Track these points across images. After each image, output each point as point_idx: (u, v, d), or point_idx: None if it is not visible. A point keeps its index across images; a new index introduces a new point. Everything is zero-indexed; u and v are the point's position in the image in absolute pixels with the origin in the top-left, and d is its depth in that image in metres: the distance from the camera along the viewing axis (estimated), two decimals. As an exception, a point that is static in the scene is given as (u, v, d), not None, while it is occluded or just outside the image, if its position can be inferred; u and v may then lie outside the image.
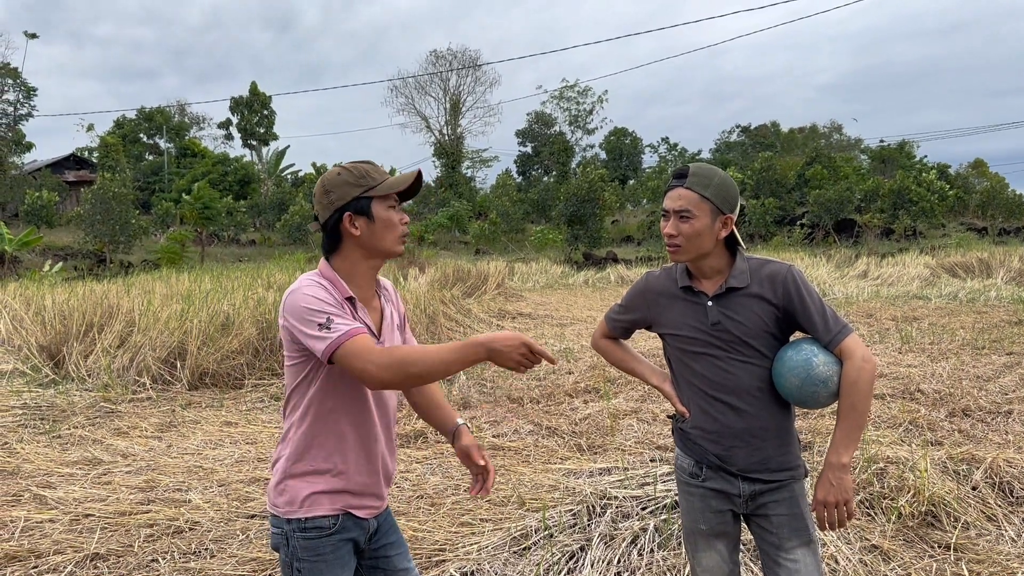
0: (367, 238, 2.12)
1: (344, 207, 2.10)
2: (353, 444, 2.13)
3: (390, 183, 2.13)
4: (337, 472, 2.11)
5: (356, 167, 2.13)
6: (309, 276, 2.10)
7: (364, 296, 2.17)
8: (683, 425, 2.42)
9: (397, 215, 2.15)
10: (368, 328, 2.11)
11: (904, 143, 50.87)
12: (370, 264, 2.18)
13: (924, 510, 4.11)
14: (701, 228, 2.25)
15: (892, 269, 22.08)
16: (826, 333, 2.23)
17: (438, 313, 11.84)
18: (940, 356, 9.10)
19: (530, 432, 6.21)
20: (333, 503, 2.10)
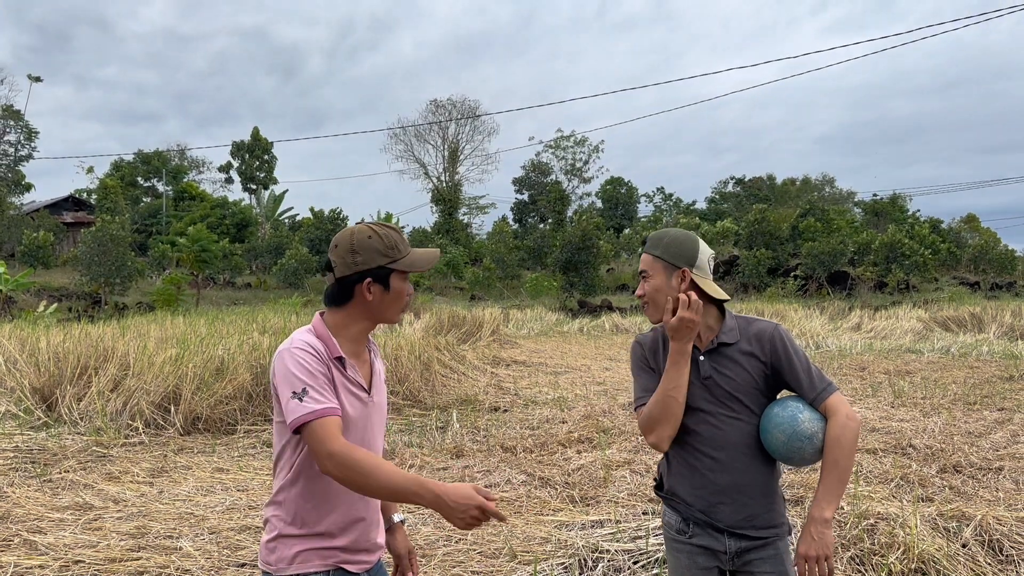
0: (377, 305, 2.16)
1: (367, 272, 2.12)
2: (346, 502, 2.13)
3: (415, 261, 2.18)
4: (330, 533, 2.11)
5: (388, 235, 2.16)
6: (301, 334, 2.12)
7: (355, 351, 2.19)
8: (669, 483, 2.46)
9: (407, 287, 2.20)
10: (360, 385, 2.15)
11: (897, 197, 51.48)
12: (367, 325, 2.21)
13: (914, 567, 4.12)
14: (659, 284, 2.40)
15: (885, 322, 22.20)
16: (811, 390, 2.30)
17: (432, 360, 11.86)
18: (932, 411, 9.14)
19: (523, 482, 6.21)
20: (324, 560, 2.10)
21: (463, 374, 12.56)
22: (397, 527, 2.44)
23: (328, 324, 2.17)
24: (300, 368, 2.02)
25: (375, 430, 2.23)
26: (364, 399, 2.17)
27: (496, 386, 11.78)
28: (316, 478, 2.09)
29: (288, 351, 2.06)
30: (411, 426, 8.64)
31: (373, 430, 2.22)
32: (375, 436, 2.23)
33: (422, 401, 10.09)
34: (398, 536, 2.44)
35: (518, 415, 9.26)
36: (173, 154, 60.76)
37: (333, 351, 2.11)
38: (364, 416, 2.16)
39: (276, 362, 2.08)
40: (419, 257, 2.20)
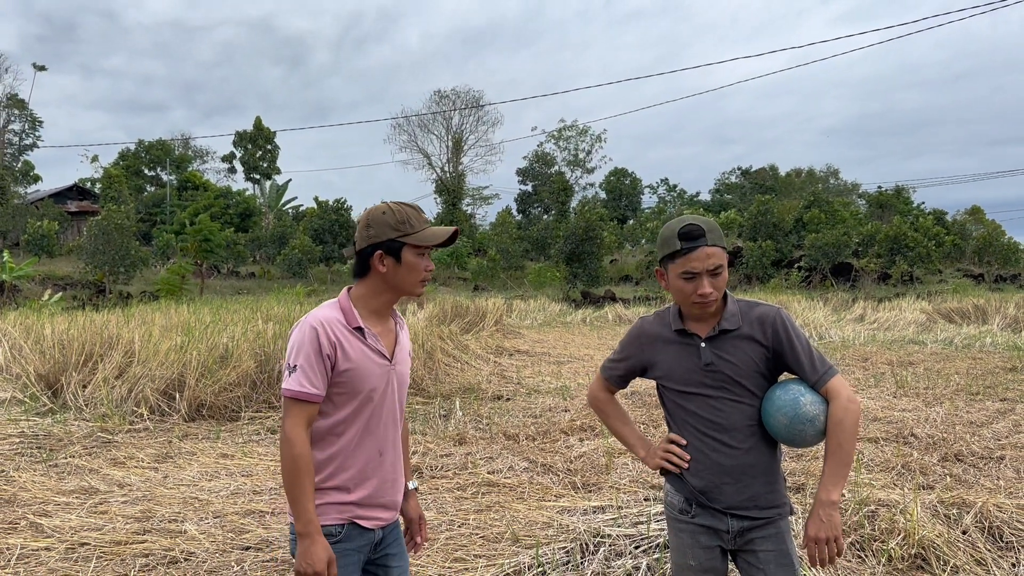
0: (391, 276, 2.32)
1: (378, 244, 2.30)
2: (361, 461, 2.31)
3: (424, 235, 2.31)
4: (345, 488, 2.29)
5: (401, 210, 2.31)
6: (324, 308, 2.31)
7: (379, 322, 2.37)
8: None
9: (424, 262, 2.34)
10: (381, 353, 2.33)
11: (901, 188, 51.35)
12: (389, 297, 2.37)
13: (914, 553, 4.14)
14: (727, 277, 2.37)
15: (889, 314, 22.16)
16: (813, 374, 2.32)
17: (436, 349, 11.89)
18: (934, 401, 9.15)
19: (525, 469, 6.24)
20: (341, 513, 2.28)
21: (466, 363, 12.59)
22: (411, 493, 2.62)
23: (352, 297, 2.35)
24: (302, 345, 2.22)
25: (396, 397, 2.40)
26: (385, 367, 2.34)
27: (499, 375, 11.81)
28: (331, 440, 2.29)
29: (304, 325, 2.26)
30: (414, 414, 8.67)
31: (394, 397, 2.39)
32: (395, 404, 2.41)
33: (425, 389, 10.12)
34: (411, 502, 2.61)
35: (521, 403, 9.29)
36: (177, 143, 60.80)
37: (352, 322, 2.29)
38: (385, 383, 2.34)
39: (295, 329, 2.29)
40: (430, 233, 2.32)
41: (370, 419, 2.32)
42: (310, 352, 2.21)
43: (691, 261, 2.31)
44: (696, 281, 2.31)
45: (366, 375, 2.28)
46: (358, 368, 2.26)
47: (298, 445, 2.18)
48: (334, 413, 2.28)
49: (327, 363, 2.22)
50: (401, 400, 2.44)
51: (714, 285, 2.32)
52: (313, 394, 2.21)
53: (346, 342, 2.25)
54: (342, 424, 2.28)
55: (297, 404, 2.21)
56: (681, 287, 2.35)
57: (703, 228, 2.31)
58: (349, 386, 2.26)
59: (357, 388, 2.27)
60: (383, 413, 2.35)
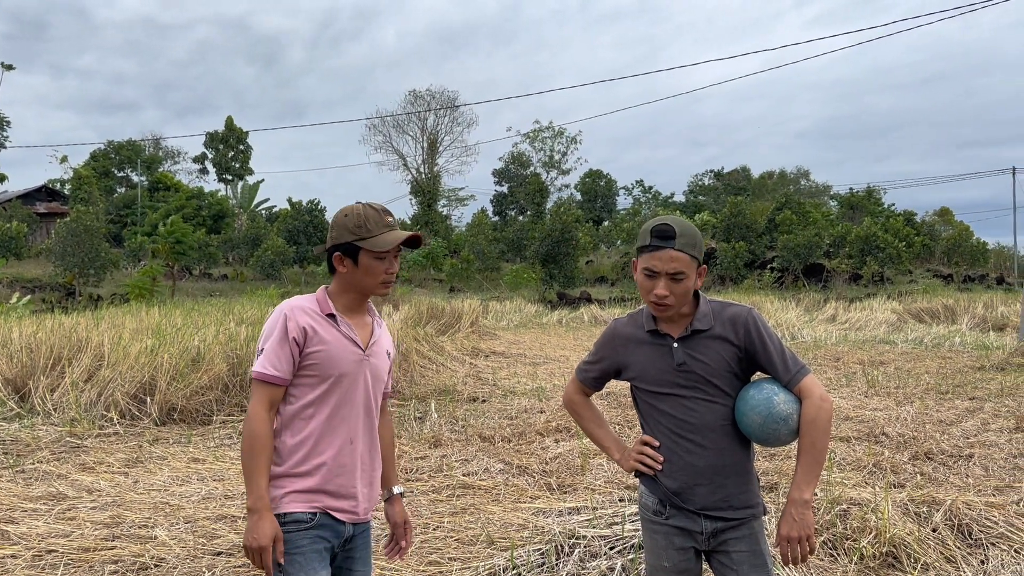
0: (350, 277, 2.40)
1: (337, 246, 2.38)
2: (332, 448, 2.34)
3: (377, 241, 2.35)
4: (315, 474, 2.31)
5: (361, 214, 2.37)
6: (301, 297, 2.42)
7: (353, 315, 2.45)
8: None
9: (384, 264, 2.39)
10: (354, 341, 2.39)
11: (872, 190, 51.99)
12: (356, 295, 2.45)
13: (885, 551, 4.18)
14: (690, 286, 2.33)
15: (860, 314, 22.44)
16: (785, 373, 2.33)
17: (411, 351, 11.84)
18: (905, 400, 9.27)
19: (500, 471, 6.22)
20: (310, 503, 2.30)
21: (442, 365, 12.56)
22: (396, 498, 2.65)
23: (328, 291, 2.45)
24: (272, 331, 2.32)
25: (370, 388, 2.43)
26: (358, 355, 2.39)
27: (475, 377, 11.79)
28: (301, 423, 2.33)
29: (276, 312, 2.36)
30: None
31: (367, 389, 2.42)
32: (369, 395, 2.43)
33: (401, 392, 10.07)
34: (396, 507, 2.64)
35: (496, 405, 9.28)
36: (147, 144, 60.04)
37: (325, 309, 2.38)
38: (357, 370, 2.39)
39: (269, 316, 2.38)
40: (384, 239, 2.37)
41: (341, 405, 2.35)
42: (277, 336, 2.30)
43: (654, 259, 2.31)
44: (655, 280, 2.31)
45: (337, 359, 2.33)
46: (329, 350, 2.32)
47: (257, 422, 2.25)
48: (303, 396, 2.33)
49: (294, 347, 2.29)
50: (376, 394, 2.47)
51: (672, 290, 2.30)
52: (275, 376, 2.28)
53: (318, 326, 2.33)
54: (311, 407, 2.32)
55: (261, 386, 2.29)
56: (642, 282, 2.37)
57: (675, 231, 2.30)
58: (319, 368, 2.32)
59: (327, 371, 2.32)
60: (356, 401, 2.38)
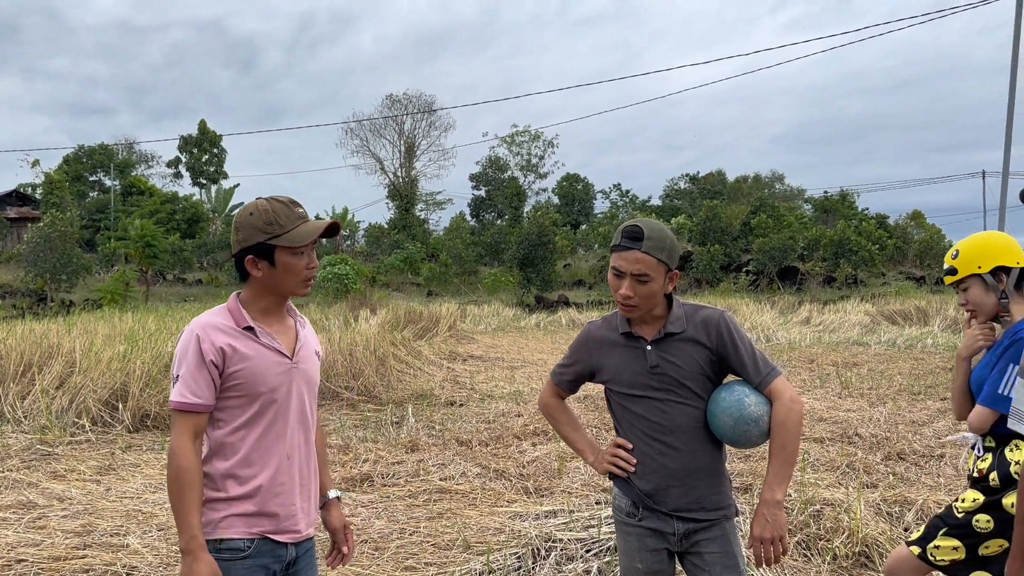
0: (268, 280, 2.20)
1: (248, 248, 2.17)
2: (269, 467, 2.18)
3: (295, 235, 2.16)
4: (252, 497, 2.15)
5: (268, 209, 2.17)
6: (209, 313, 2.22)
7: (271, 321, 2.25)
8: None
9: (304, 260, 2.20)
10: (279, 351, 2.21)
11: (845, 194, 52.56)
12: (275, 299, 2.26)
13: (858, 551, 4.23)
14: (656, 289, 2.33)
15: (834, 316, 22.67)
16: (756, 375, 2.35)
17: (388, 355, 11.79)
18: (878, 401, 9.37)
19: (478, 475, 6.22)
20: (249, 527, 2.14)
21: (419, 369, 12.53)
22: (332, 503, 2.48)
23: (241, 299, 2.25)
24: (185, 354, 2.13)
25: (301, 396, 2.27)
26: (285, 365, 2.21)
27: (452, 381, 11.77)
28: (233, 448, 2.16)
29: (187, 332, 2.16)
30: (366, 421, 8.59)
31: (301, 398, 2.26)
32: (304, 405, 2.28)
33: (377, 396, 10.04)
34: (333, 512, 2.47)
35: (474, 409, 9.27)
36: (120, 148, 59.37)
37: (241, 323, 2.18)
38: (287, 381, 2.21)
39: (181, 336, 2.18)
40: (302, 231, 2.18)
41: (274, 422, 2.19)
42: (192, 360, 2.11)
43: (620, 259, 2.33)
44: (621, 280, 2.33)
45: (263, 375, 2.16)
46: (253, 368, 2.14)
47: (181, 456, 2.06)
48: (233, 420, 2.16)
49: (212, 370, 2.11)
50: (311, 401, 2.32)
51: (636, 291, 2.31)
52: (196, 404, 2.10)
53: (236, 343, 2.14)
54: (243, 430, 2.16)
55: (182, 416, 2.10)
56: (611, 281, 2.39)
57: (643, 233, 2.30)
58: (246, 388, 2.14)
59: (255, 390, 2.15)
60: (289, 415, 2.22)
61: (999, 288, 2.81)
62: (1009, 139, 15.20)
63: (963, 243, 2.93)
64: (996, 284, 2.82)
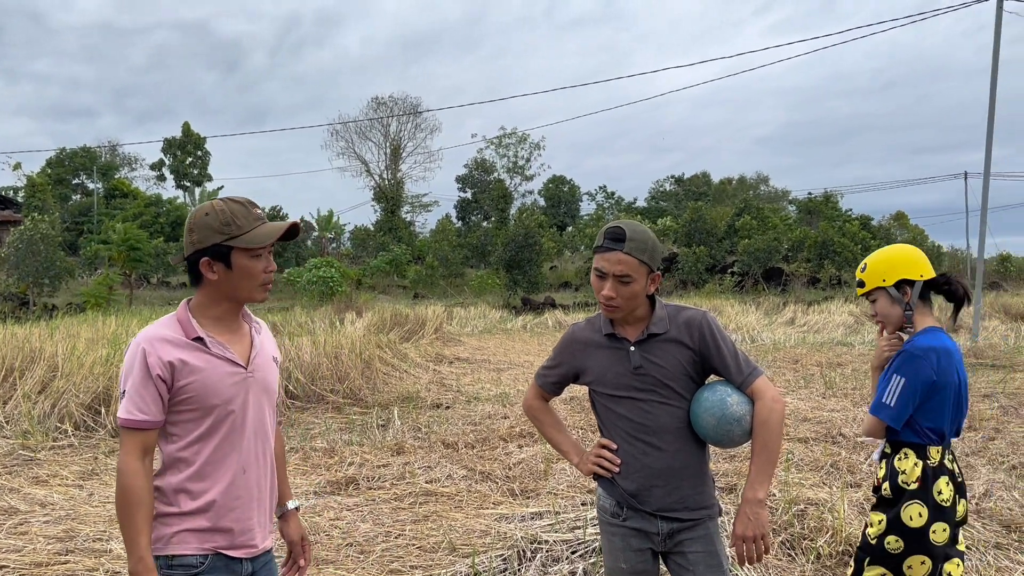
0: (223, 284, 2.11)
1: (204, 250, 2.09)
2: (223, 481, 2.11)
3: (254, 236, 2.09)
4: (206, 512, 2.08)
5: (225, 210, 2.09)
6: (156, 325, 2.12)
7: (225, 330, 2.17)
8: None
9: (262, 263, 2.12)
10: (232, 361, 2.13)
11: (829, 195, 52.92)
12: (230, 305, 2.17)
13: (842, 550, 4.26)
14: (639, 290, 2.35)
15: (818, 316, 22.82)
16: (738, 375, 2.37)
17: (374, 358, 11.77)
18: (862, 401, 9.44)
19: (464, 477, 6.21)
20: (202, 542, 2.08)
21: (405, 372, 12.50)
22: (290, 514, 2.43)
23: (191, 307, 2.15)
24: (131, 369, 2.04)
25: (259, 406, 2.20)
26: (239, 375, 2.13)
27: (439, 383, 11.75)
28: (186, 462, 2.09)
29: (133, 346, 2.07)
30: (352, 424, 8.57)
31: (259, 408, 2.19)
32: (262, 415, 2.20)
33: (363, 399, 10.01)
34: (291, 523, 2.43)
35: (460, 411, 9.26)
36: (104, 150, 58.95)
37: (190, 333, 2.09)
38: (242, 392, 2.14)
39: (127, 348, 2.10)
40: (261, 232, 2.10)
41: (230, 434, 2.11)
42: (138, 375, 2.02)
43: (603, 260, 2.35)
44: (603, 281, 2.36)
45: (215, 387, 2.07)
46: (204, 381, 2.05)
47: (130, 475, 1.99)
48: (186, 434, 2.08)
49: (160, 385, 2.02)
50: (268, 411, 2.24)
51: (618, 292, 2.33)
52: (144, 420, 2.02)
53: (186, 356, 2.05)
54: (197, 444, 2.08)
55: (130, 433, 2.02)
56: (593, 282, 2.41)
57: (625, 234, 2.33)
58: (197, 402, 2.06)
59: (208, 403, 2.07)
60: (246, 427, 2.14)
61: (903, 300, 2.91)
62: (990, 140, 15.35)
63: (871, 257, 3.02)
64: (901, 297, 2.92)
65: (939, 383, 2.74)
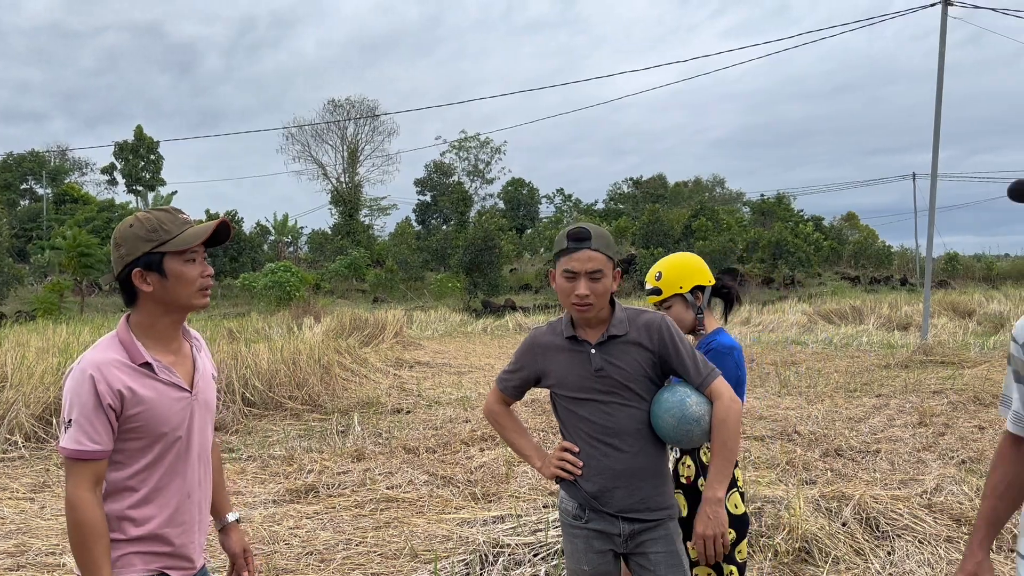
0: (160, 294, 2.04)
1: (134, 262, 2.02)
2: (169, 507, 2.08)
3: (184, 238, 2.03)
4: (152, 537, 2.05)
5: (150, 218, 2.04)
6: (97, 350, 2.03)
7: (169, 350, 2.11)
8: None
9: (197, 268, 2.07)
10: (178, 386, 2.08)
11: (782, 197, 53.86)
12: (171, 318, 2.10)
13: (798, 547, 4.34)
14: (608, 285, 2.40)
15: (772, 316, 23.21)
16: (697, 376, 2.41)
17: (333, 363, 11.67)
18: (816, 399, 9.62)
19: (425, 482, 6.20)
20: (147, 564, 2.04)
21: (365, 377, 12.41)
22: (231, 527, 2.40)
23: (132, 327, 2.07)
24: (78, 396, 1.95)
25: (202, 428, 2.17)
26: (185, 400, 2.09)
27: (399, 388, 11.70)
28: (132, 491, 2.04)
29: (78, 372, 1.98)
30: (311, 431, 8.48)
31: (201, 428, 2.16)
32: (203, 438, 2.17)
33: (322, 405, 9.92)
34: (232, 536, 2.39)
35: (421, 416, 9.23)
36: (53, 155, 57.54)
37: (137, 358, 2.02)
38: (188, 416, 2.10)
39: (68, 376, 2.01)
40: (190, 234, 2.04)
41: (176, 461, 2.07)
42: (87, 404, 1.93)
43: (572, 260, 2.38)
44: (575, 281, 2.38)
45: (165, 416, 2.02)
46: (153, 410, 1.99)
47: (82, 510, 1.92)
48: (133, 462, 2.01)
49: (110, 414, 1.95)
50: (208, 431, 2.21)
51: (592, 289, 2.37)
52: (95, 451, 1.94)
53: (134, 383, 1.98)
54: (144, 472, 2.02)
55: (78, 464, 1.93)
56: (563, 286, 2.42)
57: (590, 232, 2.39)
58: (145, 431, 2.00)
59: (156, 431, 2.01)
60: (191, 452, 2.11)
61: (696, 305, 3.09)
62: (937, 142, 15.76)
63: (664, 265, 3.16)
64: (695, 301, 3.09)
65: (741, 378, 2.97)
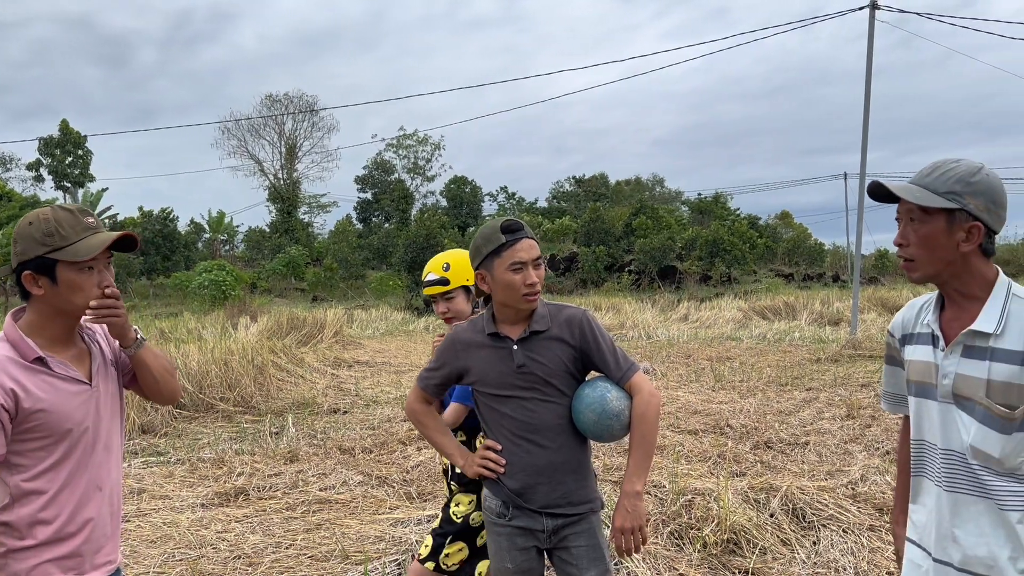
0: (51, 299, 1.95)
1: (26, 263, 1.92)
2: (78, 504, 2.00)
3: (79, 249, 1.91)
4: (64, 538, 1.97)
5: (50, 219, 1.93)
6: None
7: (63, 347, 2.02)
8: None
9: (94, 278, 1.96)
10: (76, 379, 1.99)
11: (719, 195, 54.89)
12: (62, 321, 2.01)
13: (726, 538, 4.40)
14: (543, 273, 2.45)
15: (709, 313, 23.62)
16: (617, 370, 2.42)
17: (267, 363, 11.44)
18: (748, 393, 9.81)
19: (359, 483, 6.11)
20: (64, 571, 1.98)
21: (301, 377, 12.21)
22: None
23: (22, 324, 1.98)
24: None
25: (108, 422, 2.09)
26: (85, 392, 2.01)
27: (337, 388, 11.54)
28: (39, 494, 1.94)
29: None
30: (243, 433, 8.30)
31: (106, 422, 2.08)
32: (109, 427, 2.09)
33: (256, 407, 9.71)
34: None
35: (358, 416, 9.12)
36: (-27, 150, 55.24)
37: (28, 354, 1.92)
38: (91, 409, 2.02)
39: None
40: (85, 245, 1.93)
41: (82, 457, 1.99)
42: None
43: (517, 252, 2.37)
44: (524, 272, 2.37)
45: (65, 412, 1.94)
46: (52, 407, 1.91)
47: None
48: (36, 464, 1.92)
49: (3, 415, 1.85)
50: (116, 418, 2.13)
51: (539, 276, 2.40)
52: None
53: (28, 382, 1.89)
54: (49, 472, 1.94)
55: None
56: (510, 280, 2.37)
57: (521, 223, 2.43)
58: (46, 429, 1.91)
59: (59, 429, 1.93)
60: (97, 445, 2.03)
61: (476, 299, 3.15)
62: (865, 143, 16.23)
63: (451, 257, 3.19)
64: (474, 295, 3.12)
65: None
